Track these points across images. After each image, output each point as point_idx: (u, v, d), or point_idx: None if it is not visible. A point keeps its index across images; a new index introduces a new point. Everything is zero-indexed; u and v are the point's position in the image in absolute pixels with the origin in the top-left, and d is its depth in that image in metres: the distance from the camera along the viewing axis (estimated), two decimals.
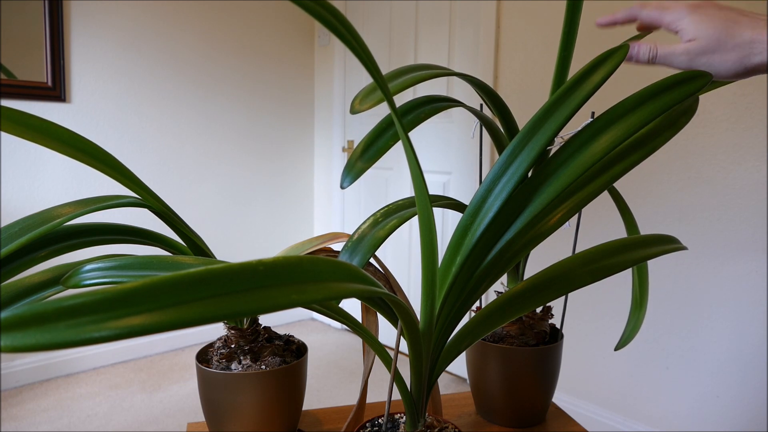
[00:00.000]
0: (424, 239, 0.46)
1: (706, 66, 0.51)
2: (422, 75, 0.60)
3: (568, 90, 0.49)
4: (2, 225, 1.94)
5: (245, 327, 0.61)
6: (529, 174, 0.50)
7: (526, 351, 0.67)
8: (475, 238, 0.47)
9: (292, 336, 0.66)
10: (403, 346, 2.49)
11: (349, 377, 2.28)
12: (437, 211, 2.34)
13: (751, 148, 1.49)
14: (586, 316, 1.83)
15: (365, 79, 2.67)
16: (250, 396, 0.57)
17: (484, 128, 0.69)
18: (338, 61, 2.78)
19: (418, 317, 0.49)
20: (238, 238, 2.72)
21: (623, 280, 1.76)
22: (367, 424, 0.53)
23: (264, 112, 2.77)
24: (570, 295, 1.87)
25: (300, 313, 3.00)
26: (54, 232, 0.50)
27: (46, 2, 2.06)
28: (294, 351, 0.64)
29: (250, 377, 0.57)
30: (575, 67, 1.65)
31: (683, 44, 0.52)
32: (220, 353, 0.60)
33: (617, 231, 1.77)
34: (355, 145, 2.63)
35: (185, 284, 0.27)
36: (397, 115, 0.41)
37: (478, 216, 0.48)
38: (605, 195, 1.72)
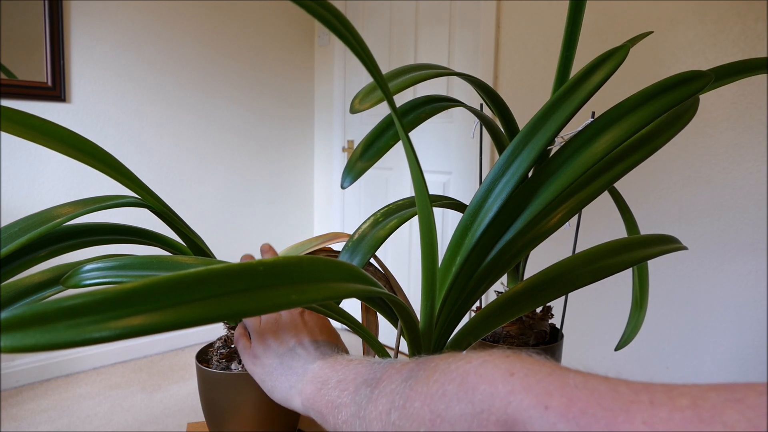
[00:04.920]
0: (424, 239, 0.46)
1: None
2: (422, 75, 0.60)
3: (569, 90, 0.49)
4: (2, 225, 1.94)
5: None
6: (530, 174, 0.50)
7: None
8: (475, 238, 0.47)
9: None
10: (403, 346, 2.49)
11: None
12: (437, 211, 2.34)
13: (751, 148, 1.49)
14: (586, 316, 1.83)
15: (365, 79, 2.67)
16: (250, 396, 0.57)
17: (484, 128, 0.69)
18: (338, 61, 2.78)
19: (418, 317, 0.49)
20: (238, 239, 2.72)
21: (623, 280, 1.76)
22: None
23: (264, 112, 2.77)
24: (570, 295, 1.87)
25: None
26: (54, 232, 0.50)
27: (46, 2, 2.06)
28: None
29: (250, 377, 0.57)
30: (576, 67, 1.65)
31: None
32: (220, 353, 0.60)
33: (617, 231, 1.77)
34: (355, 145, 2.63)
35: (185, 284, 0.27)
36: (397, 115, 0.41)
37: (478, 216, 0.48)
38: (605, 195, 1.73)
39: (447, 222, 2.33)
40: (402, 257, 2.53)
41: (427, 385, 0.31)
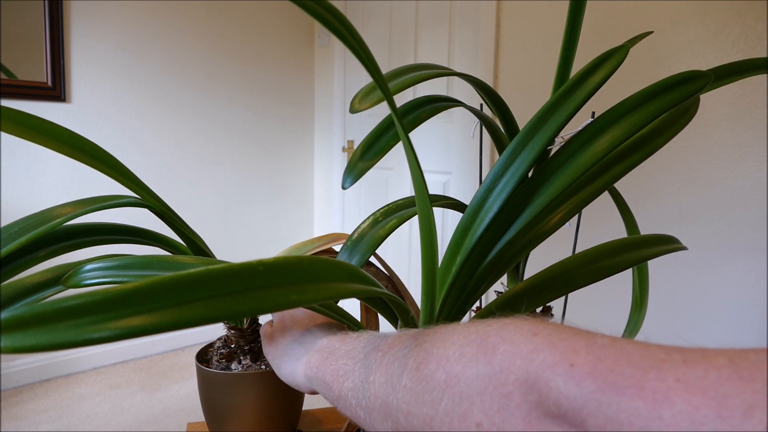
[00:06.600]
0: (424, 239, 0.46)
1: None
2: (422, 75, 0.60)
3: (569, 90, 0.49)
4: (2, 225, 1.94)
5: (245, 327, 0.61)
6: (530, 174, 0.50)
7: None
8: (475, 238, 0.47)
9: None
10: None
11: None
12: (437, 211, 2.34)
13: (751, 148, 1.49)
14: (586, 317, 1.83)
15: (365, 79, 2.66)
16: (250, 396, 0.57)
17: (484, 128, 0.69)
18: (338, 61, 2.78)
19: (418, 317, 0.49)
20: (238, 239, 2.72)
21: (623, 280, 1.76)
22: None
23: (264, 113, 2.77)
24: (570, 295, 1.87)
25: None
26: (54, 232, 0.50)
27: (46, 2, 2.06)
28: None
29: (250, 377, 0.57)
30: (576, 67, 1.65)
31: None
32: (220, 353, 0.60)
33: (617, 231, 1.77)
34: (355, 145, 2.63)
35: (185, 284, 0.27)
36: (397, 115, 0.41)
37: (478, 216, 0.48)
38: (605, 195, 1.73)
39: (447, 222, 2.33)
40: (402, 257, 2.53)
41: (444, 348, 0.29)
